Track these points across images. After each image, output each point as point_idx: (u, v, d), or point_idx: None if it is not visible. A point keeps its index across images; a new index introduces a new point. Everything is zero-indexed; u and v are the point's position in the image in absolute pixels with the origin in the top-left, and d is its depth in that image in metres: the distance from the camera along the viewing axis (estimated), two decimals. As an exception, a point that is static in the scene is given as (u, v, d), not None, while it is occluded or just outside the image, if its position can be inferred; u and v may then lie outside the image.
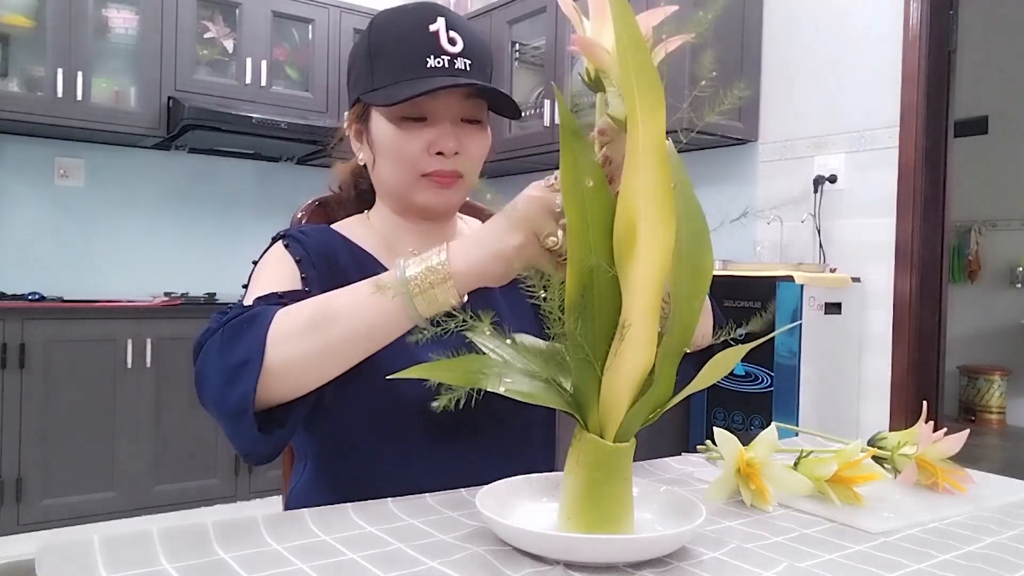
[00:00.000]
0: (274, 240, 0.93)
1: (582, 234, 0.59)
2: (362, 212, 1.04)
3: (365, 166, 0.99)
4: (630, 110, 0.57)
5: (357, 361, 0.73)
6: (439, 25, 0.90)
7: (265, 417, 0.72)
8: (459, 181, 0.93)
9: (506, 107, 0.92)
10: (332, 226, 1.00)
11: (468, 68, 0.90)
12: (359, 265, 0.93)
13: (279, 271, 0.87)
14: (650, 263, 0.58)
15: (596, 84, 0.64)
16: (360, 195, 1.06)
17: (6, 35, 3.04)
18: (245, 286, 0.90)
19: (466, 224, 1.09)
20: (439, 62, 0.89)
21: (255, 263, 0.92)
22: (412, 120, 0.91)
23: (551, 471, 0.81)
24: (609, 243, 0.60)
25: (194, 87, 3.26)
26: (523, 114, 0.85)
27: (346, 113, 1.00)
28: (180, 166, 3.58)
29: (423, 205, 0.94)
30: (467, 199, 1.22)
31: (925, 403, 1.00)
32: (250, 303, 0.79)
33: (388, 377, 0.65)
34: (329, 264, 0.90)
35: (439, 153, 0.90)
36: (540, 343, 0.71)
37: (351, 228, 1.00)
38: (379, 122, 0.93)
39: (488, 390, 0.62)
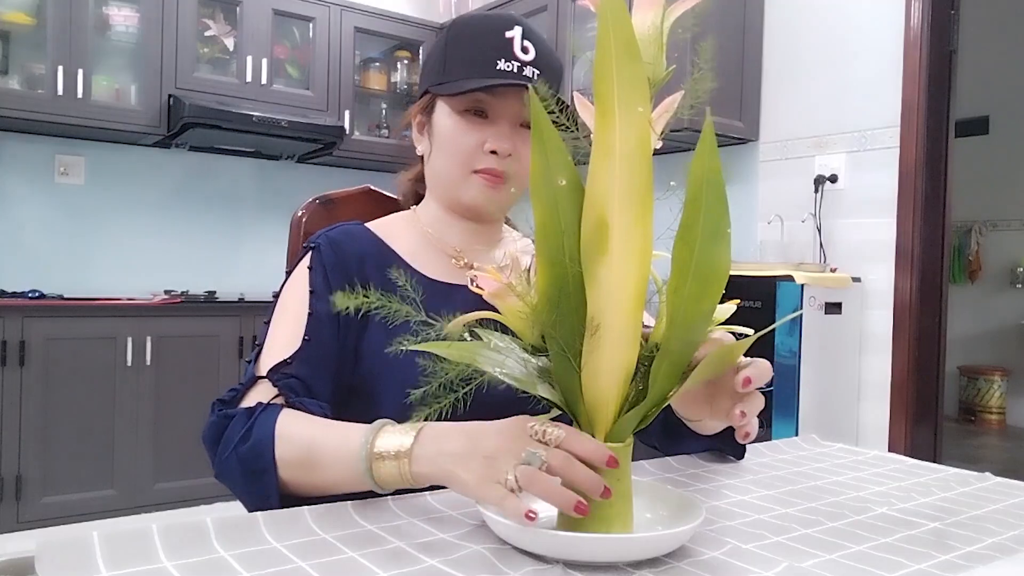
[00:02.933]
0: (306, 249, 0.96)
1: (554, 231, 0.59)
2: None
3: (422, 169, 1.03)
4: (604, 102, 0.55)
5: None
6: (515, 33, 0.93)
7: None
8: (508, 183, 0.95)
9: (561, 121, 0.92)
10: (371, 224, 1.01)
11: (536, 77, 0.93)
12: (383, 272, 0.92)
13: (299, 304, 0.91)
14: (623, 261, 0.57)
15: None
16: (416, 199, 1.08)
17: (7, 32, 3.04)
18: (276, 294, 0.95)
19: (512, 238, 1.08)
20: (509, 66, 0.92)
21: (288, 273, 0.96)
22: (474, 116, 0.94)
23: None
24: (578, 242, 0.59)
25: (195, 85, 3.26)
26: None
27: (413, 105, 1.03)
28: (180, 164, 3.57)
29: (469, 202, 0.96)
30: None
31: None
32: (261, 372, 0.86)
33: (387, 351, 0.68)
34: (347, 275, 0.92)
35: (493, 152, 0.93)
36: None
37: (390, 227, 1.01)
38: (442, 114, 0.96)
39: (490, 384, 0.62)
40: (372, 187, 1.21)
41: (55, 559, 0.55)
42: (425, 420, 0.64)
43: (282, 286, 0.95)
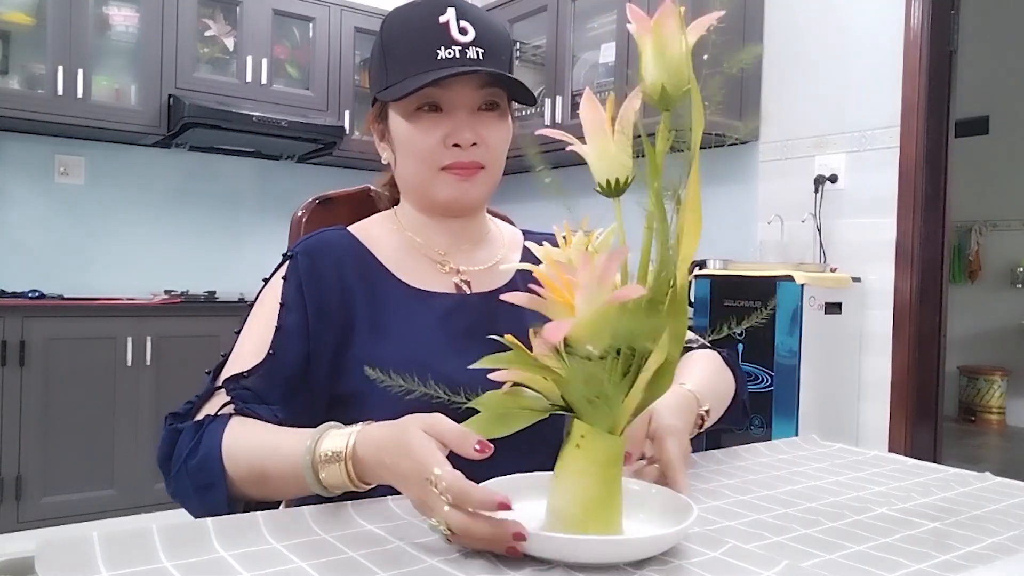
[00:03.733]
0: (284, 256, 0.93)
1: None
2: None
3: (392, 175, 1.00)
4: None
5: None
6: (449, 16, 0.88)
7: None
8: (480, 172, 0.91)
9: (520, 94, 0.92)
10: (353, 228, 0.98)
11: (481, 57, 0.88)
12: (366, 280, 0.92)
13: (268, 316, 0.88)
14: None
15: (661, 102, 0.63)
16: (395, 202, 1.05)
17: (7, 32, 3.04)
18: (251, 303, 0.92)
19: (498, 228, 1.05)
20: (450, 52, 0.87)
21: (265, 281, 0.94)
22: (427, 113, 0.90)
23: None
24: None
25: (195, 85, 3.25)
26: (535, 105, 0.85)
27: (368, 114, 1.00)
28: (180, 164, 3.57)
29: (445, 200, 0.93)
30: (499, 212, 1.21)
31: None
32: (217, 383, 0.86)
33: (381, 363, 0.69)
34: (322, 287, 0.89)
35: (456, 145, 0.89)
36: None
37: (373, 230, 0.98)
38: (396, 119, 0.92)
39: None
40: (372, 187, 1.20)
41: (55, 559, 0.55)
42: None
43: (257, 294, 0.93)
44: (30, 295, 2.93)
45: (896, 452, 1.15)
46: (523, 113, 3.30)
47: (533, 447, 0.95)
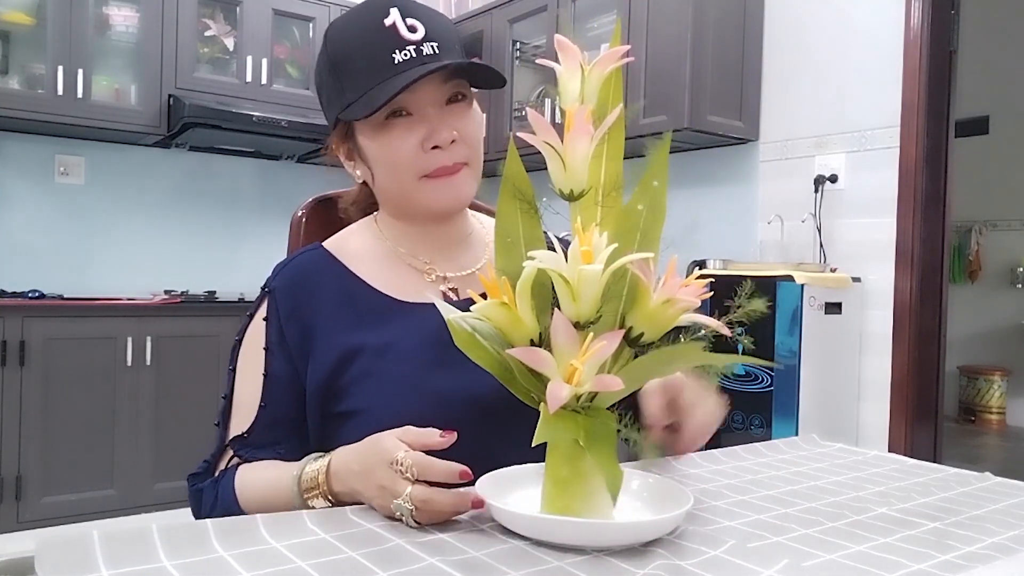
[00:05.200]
0: (263, 290, 0.92)
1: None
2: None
3: (367, 188, 0.96)
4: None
5: None
6: (394, 16, 0.84)
7: None
8: (464, 169, 0.88)
9: (488, 79, 0.89)
10: (330, 244, 0.95)
11: (437, 51, 0.85)
12: (349, 301, 0.90)
13: (255, 363, 0.89)
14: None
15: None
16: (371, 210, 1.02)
17: (7, 32, 3.04)
18: (238, 339, 0.92)
19: (481, 223, 1.02)
20: (406, 54, 0.84)
21: (249, 316, 0.92)
22: (398, 120, 0.86)
23: None
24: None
25: (195, 85, 3.25)
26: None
27: (329, 138, 0.95)
28: (180, 164, 3.57)
29: (437, 207, 0.89)
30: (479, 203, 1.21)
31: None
32: (225, 438, 0.89)
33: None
34: (304, 321, 0.89)
35: (435, 147, 0.86)
36: None
37: (350, 243, 0.95)
38: (365, 135, 0.89)
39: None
40: (339, 206, 1.17)
41: (55, 559, 0.55)
42: None
43: (243, 330, 0.92)
44: (30, 295, 2.93)
45: (896, 452, 1.15)
46: (523, 113, 3.30)
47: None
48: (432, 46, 0.85)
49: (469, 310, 0.65)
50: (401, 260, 0.94)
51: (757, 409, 2.37)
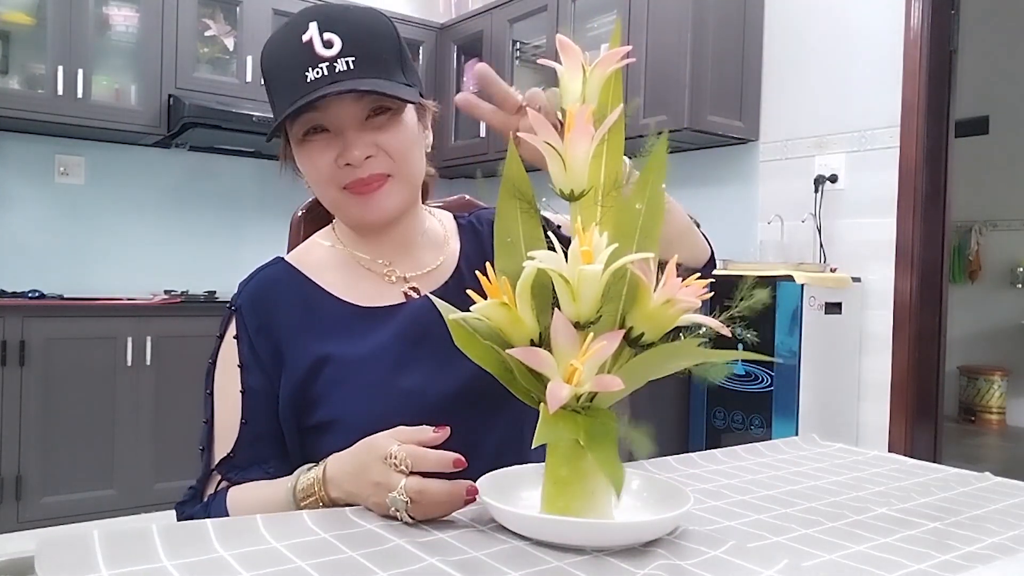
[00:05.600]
0: (228, 309, 0.94)
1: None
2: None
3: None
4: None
5: None
6: (311, 32, 0.84)
7: None
8: (388, 182, 0.87)
9: (400, 96, 0.86)
10: (292, 256, 0.97)
11: (352, 66, 0.83)
12: (313, 313, 0.90)
13: (231, 381, 0.89)
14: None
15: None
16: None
17: (7, 32, 3.04)
18: (212, 360, 0.93)
19: (437, 220, 1.02)
20: (318, 72, 0.83)
21: (219, 337, 0.93)
22: (316, 136, 0.87)
23: None
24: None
25: (195, 85, 3.25)
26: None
27: (279, 150, 0.97)
28: (180, 164, 3.57)
29: (355, 220, 0.90)
30: (467, 198, 1.21)
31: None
32: (210, 467, 0.89)
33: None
34: (272, 336, 0.89)
35: (348, 164, 0.86)
36: None
37: (312, 253, 0.96)
38: (294, 146, 0.90)
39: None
40: (298, 212, 1.18)
41: (55, 559, 0.55)
42: None
43: (215, 351, 0.92)
44: (30, 295, 2.93)
45: (896, 452, 1.15)
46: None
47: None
48: (348, 62, 0.83)
49: (435, 307, 0.67)
50: (361, 265, 0.94)
51: (757, 409, 2.37)
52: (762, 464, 0.94)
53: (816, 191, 2.68)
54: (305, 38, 0.84)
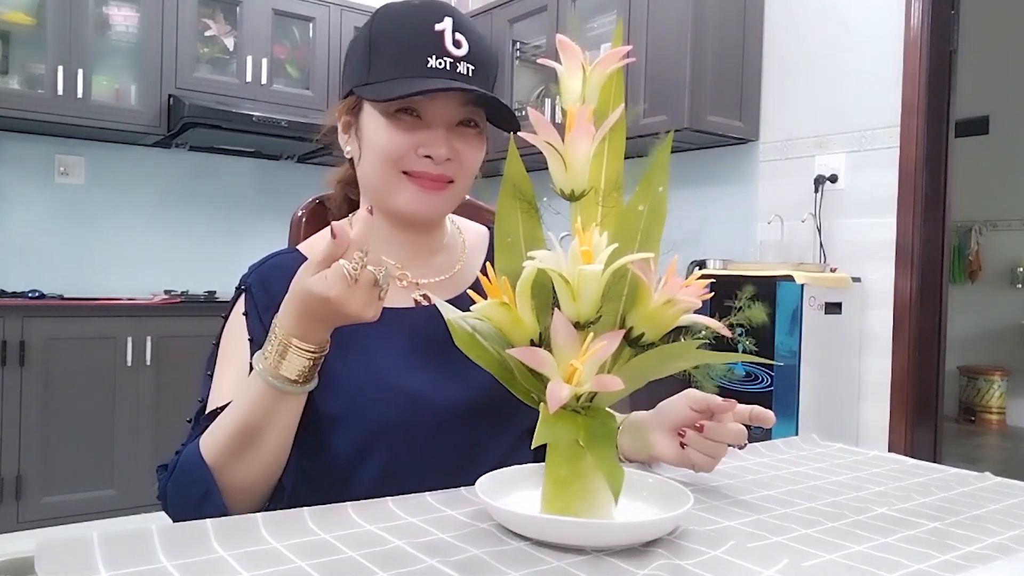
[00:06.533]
0: (238, 289, 0.93)
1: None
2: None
3: (354, 170, 0.95)
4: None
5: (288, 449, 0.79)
6: (446, 25, 0.85)
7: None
8: (448, 187, 0.88)
9: (504, 119, 0.88)
10: (304, 247, 0.96)
11: (471, 73, 0.85)
12: None
13: (239, 355, 0.88)
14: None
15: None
16: (351, 206, 1.02)
17: (7, 32, 3.04)
18: (216, 343, 0.93)
19: (458, 228, 1.02)
20: (440, 63, 0.84)
21: (224, 317, 0.93)
22: (405, 117, 0.86)
23: None
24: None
25: (195, 85, 3.25)
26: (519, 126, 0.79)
27: (338, 103, 0.95)
28: (180, 164, 3.57)
29: (404, 208, 0.88)
30: (467, 198, 1.21)
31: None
32: (205, 412, 0.87)
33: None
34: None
35: (428, 156, 0.86)
36: None
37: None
38: (370, 115, 0.88)
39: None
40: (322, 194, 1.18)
41: (55, 559, 0.55)
42: None
43: (220, 332, 0.91)
44: (30, 295, 2.93)
45: (896, 452, 1.15)
46: (523, 113, 3.30)
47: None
48: (468, 67, 0.85)
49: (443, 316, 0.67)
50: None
51: (757, 409, 2.37)
52: (762, 464, 0.94)
53: (816, 191, 2.68)
54: (439, 27, 0.85)
